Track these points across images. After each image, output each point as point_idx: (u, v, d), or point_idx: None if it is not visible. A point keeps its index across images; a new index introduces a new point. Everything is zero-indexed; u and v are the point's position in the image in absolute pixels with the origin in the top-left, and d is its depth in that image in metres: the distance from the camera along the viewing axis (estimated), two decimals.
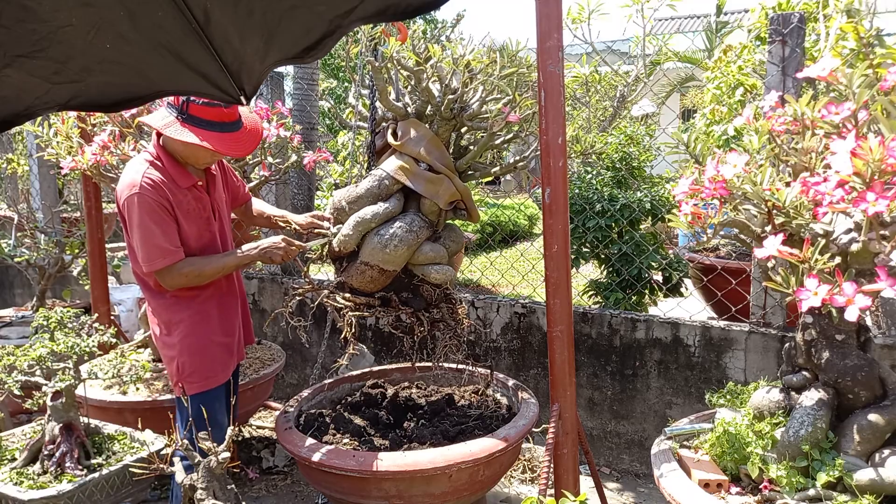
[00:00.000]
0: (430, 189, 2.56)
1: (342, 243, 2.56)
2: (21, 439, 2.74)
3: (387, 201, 2.58)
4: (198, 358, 2.44)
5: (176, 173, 2.39)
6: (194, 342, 2.43)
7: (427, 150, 2.57)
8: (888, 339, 2.73)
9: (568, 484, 2.30)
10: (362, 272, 2.55)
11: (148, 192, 2.29)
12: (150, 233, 2.29)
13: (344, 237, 2.55)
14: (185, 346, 2.42)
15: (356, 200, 2.59)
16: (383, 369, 3.29)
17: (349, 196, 2.61)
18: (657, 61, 7.78)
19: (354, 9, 1.64)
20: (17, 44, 1.62)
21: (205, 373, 2.45)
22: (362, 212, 2.55)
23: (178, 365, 2.43)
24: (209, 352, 2.47)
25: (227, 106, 2.32)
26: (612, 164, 4.36)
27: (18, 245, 4.72)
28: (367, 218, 2.53)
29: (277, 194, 4.70)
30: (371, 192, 2.58)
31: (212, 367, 2.47)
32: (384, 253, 2.49)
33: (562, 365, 2.30)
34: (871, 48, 2.28)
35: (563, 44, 2.18)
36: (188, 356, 2.42)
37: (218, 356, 2.51)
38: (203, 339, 2.45)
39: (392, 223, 2.53)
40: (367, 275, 2.55)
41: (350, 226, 2.55)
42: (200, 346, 2.44)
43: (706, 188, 1.78)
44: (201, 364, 2.44)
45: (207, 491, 2.01)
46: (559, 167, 2.21)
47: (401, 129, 2.63)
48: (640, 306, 4.07)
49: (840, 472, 1.69)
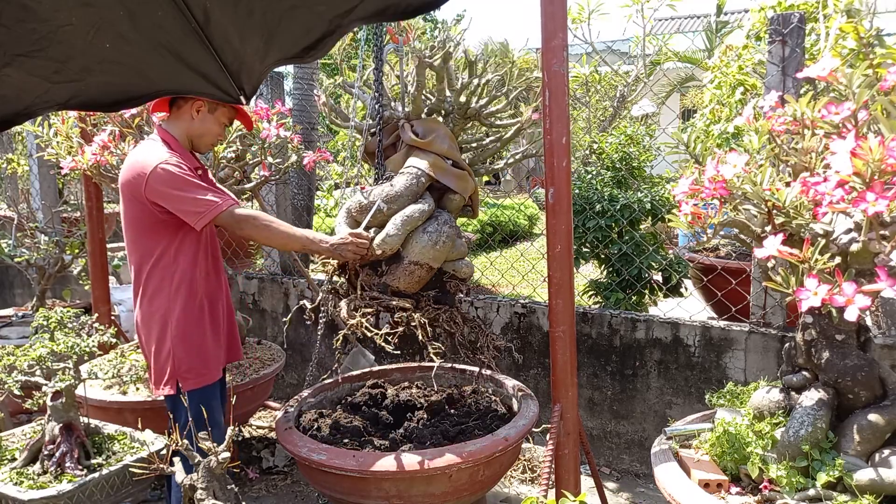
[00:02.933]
0: (460, 185, 2.62)
1: (387, 244, 2.48)
2: (21, 439, 2.74)
3: (423, 199, 2.56)
4: (193, 354, 2.44)
5: (185, 156, 2.42)
6: (188, 339, 2.43)
7: (451, 147, 2.62)
8: (888, 339, 2.73)
9: (569, 484, 2.30)
10: (411, 272, 2.51)
11: (175, 158, 2.32)
12: (197, 187, 2.31)
13: (389, 237, 2.48)
14: (178, 342, 2.42)
15: (395, 199, 2.52)
16: (383, 369, 3.29)
17: (386, 195, 2.54)
18: (657, 61, 7.79)
19: (354, 9, 1.64)
20: (17, 43, 1.62)
21: (199, 369, 2.45)
22: (408, 210, 2.50)
23: (175, 361, 2.41)
24: (203, 348, 2.48)
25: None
26: (612, 164, 4.36)
27: (18, 245, 4.72)
28: (416, 217, 2.50)
29: (277, 194, 4.70)
30: (410, 191, 2.54)
31: (206, 363, 2.47)
32: (434, 250, 2.49)
33: (564, 365, 2.30)
34: (871, 48, 2.28)
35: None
36: (183, 352, 2.42)
37: (211, 352, 2.51)
38: (197, 336, 2.46)
39: (434, 220, 2.54)
40: (416, 274, 2.51)
41: (396, 225, 2.48)
42: (195, 343, 2.45)
43: (706, 188, 1.78)
44: (197, 359, 2.45)
45: (207, 491, 2.01)
46: (563, 167, 2.20)
47: (422, 127, 2.63)
48: (641, 306, 4.07)
49: (840, 472, 1.69)
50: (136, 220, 2.40)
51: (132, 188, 2.34)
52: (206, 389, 2.46)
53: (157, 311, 2.43)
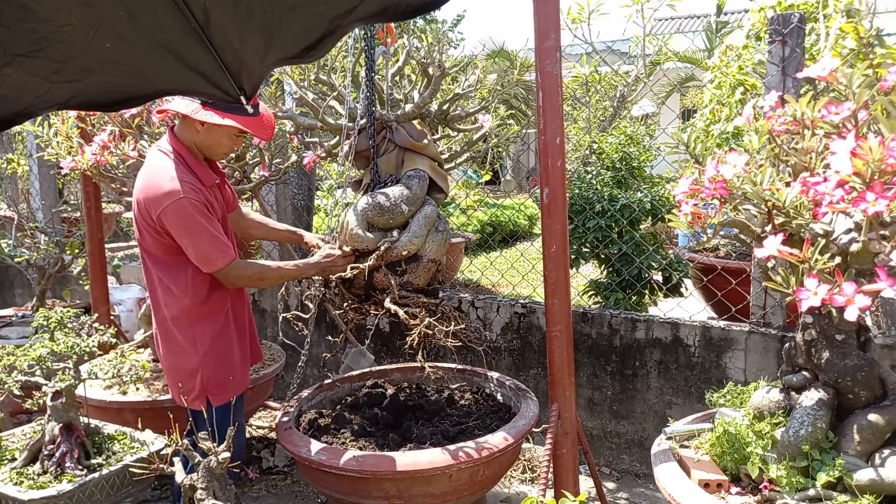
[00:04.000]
0: (446, 185, 2.75)
1: (413, 244, 2.57)
2: (21, 439, 2.74)
3: (427, 200, 2.67)
4: (222, 370, 2.43)
5: (200, 171, 2.36)
6: (217, 357, 2.42)
7: (436, 150, 2.74)
8: (888, 339, 2.73)
9: (568, 484, 2.30)
10: (428, 269, 2.62)
11: (191, 195, 2.24)
12: (205, 233, 2.26)
13: (417, 238, 2.57)
14: (207, 360, 2.40)
15: (413, 202, 2.60)
16: (383, 369, 3.29)
17: (405, 198, 2.59)
18: (657, 61, 7.78)
19: (354, 9, 1.64)
20: (17, 43, 1.62)
21: (228, 384, 2.44)
22: (426, 211, 2.61)
23: (203, 379, 2.40)
24: (231, 362, 2.47)
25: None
26: (612, 164, 4.36)
27: (18, 245, 4.72)
28: (433, 217, 2.62)
29: (277, 194, 4.70)
30: (423, 193, 2.64)
31: (234, 376, 2.47)
32: (444, 247, 2.64)
33: (561, 365, 2.30)
34: (871, 48, 2.28)
35: (563, 44, 2.18)
36: (213, 370, 2.41)
37: (239, 365, 2.51)
38: (224, 353, 2.45)
39: (439, 219, 2.67)
40: (431, 271, 2.64)
41: (420, 226, 2.58)
42: (223, 360, 2.44)
43: (706, 188, 1.78)
44: (225, 375, 2.44)
45: (207, 491, 2.01)
46: (557, 167, 2.21)
47: (415, 130, 2.69)
48: (640, 306, 4.07)
49: (840, 472, 1.69)
50: (154, 241, 2.34)
51: (145, 216, 2.30)
52: (232, 402, 2.44)
53: (180, 328, 2.39)
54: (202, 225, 2.25)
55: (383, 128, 2.73)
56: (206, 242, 2.27)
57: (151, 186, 2.27)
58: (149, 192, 2.27)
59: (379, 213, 2.58)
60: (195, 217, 2.23)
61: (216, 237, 2.29)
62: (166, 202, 2.22)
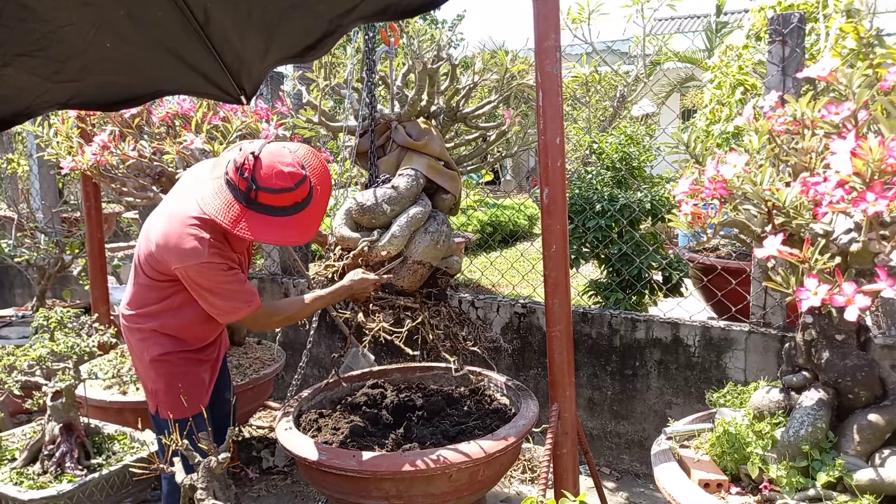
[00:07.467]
0: (452, 185, 2.69)
1: (392, 245, 2.51)
2: (21, 439, 2.74)
3: (421, 200, 2.62)
4: (174, 393, 2.25)
5: (232, 237, 2.17)
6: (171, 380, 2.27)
7: (442, 149, 2.69)
8: (888, 339, 2.73)
9: (567, 484, 2.30)
10: (414, 271, 2.57)
11: (216, 258, 2.08)
12: (228, 290, 2.13)
13: (395, 238, 2.52)
14: (160, 380, 2.26)
15: (397, 201, 2.55)
16: (383, 369, 3.29)
17: (388, 197, 2.55)
18: (657, 61, 7.78)
19: (354, 8, 1.64)
20: (17, 43, 1.62)
21: (180, 406, 2.24)
22: (411, 212, 2.55)
23: (157, 393, 2.28)
24: (186, 386, 2.28)
25: (297, 185, 2.05)
26: (612, 164, 4.36)
27: (18, 245, 4.73)
28: (419, 217, 2.56)
29: None
30: (411, 192, 2.59)
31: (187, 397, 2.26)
32: (436, 249, 2.57)
33: (561, 365, 2.30)
34: (871, 48, 2.28)
35: (563, 44, 2.18)
36: (164, 390, 2.27)
37: (196, 387, 2.32)
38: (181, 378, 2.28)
39: (433, 220, 2.61)
40: (419, 273, 2.59)
41: (402, 227, 2.52)
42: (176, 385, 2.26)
43: (706, 188, 1.78)
44: (178, 397, 2.25)
45: (207, 491, 2.01)
46: (557, 167, 2.21)
47: (415, 129, 2.66)
48: (640, 306, 4.07)
49: (840, 472, 1.69)
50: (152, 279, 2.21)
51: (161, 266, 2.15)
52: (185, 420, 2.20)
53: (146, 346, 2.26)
54: (223, 284, 2.12)
55: (387, 128, 2.73)
56: (228, 298, 2.14)
57: (174, 242, 2.08)
58: (171, 247, 2.09)
59: (361, 213, 2.59)
60: (215, 278, 2.11)
61: (239, 292, 2.16)
62: (189, 261, 2.06)
